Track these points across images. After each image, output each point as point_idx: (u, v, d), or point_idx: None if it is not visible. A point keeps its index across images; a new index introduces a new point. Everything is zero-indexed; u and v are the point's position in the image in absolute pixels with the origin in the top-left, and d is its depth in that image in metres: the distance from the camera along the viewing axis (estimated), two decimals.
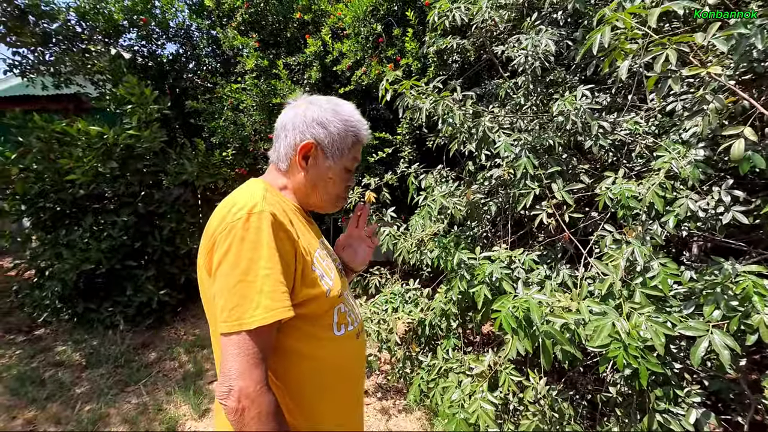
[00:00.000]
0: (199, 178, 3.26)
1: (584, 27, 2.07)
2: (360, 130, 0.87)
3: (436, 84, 2.04)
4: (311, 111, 0.83)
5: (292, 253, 0.72)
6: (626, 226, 1.63)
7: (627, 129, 1.83)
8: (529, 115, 2.33)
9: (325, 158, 0.84)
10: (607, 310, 1.30)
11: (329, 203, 0.91)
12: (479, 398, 1.54)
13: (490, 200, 2.39)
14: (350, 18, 3.47)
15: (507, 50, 2.28)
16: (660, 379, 1.35)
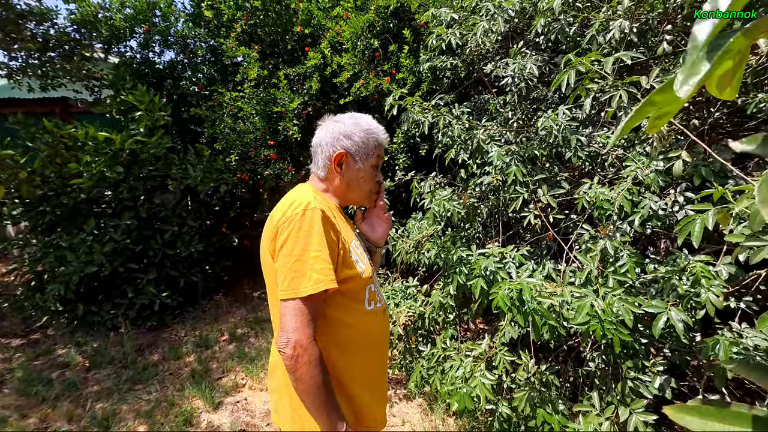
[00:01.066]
0: (203, 183, 3.38)
1: (563, 52, 2.38)
2: (379, 135, 1.06)
3: (437, 101, 2.28)
4: (337, 127, 1.03)
5: (335, 241, 0.92)
6: (601, 225, 1.91)
7: (600, 142, 2.12)
8: (515, 129, 2.61)
9: (354, 162, 1.03)
10: (586, 293, 1.56)
11: (365, 197, 1.11)
12: (479, 376, 1.77)
13: (481, 204, 2.64)
14: (349, 33, 3.70)
15: (495, 70, 2.57)
16: (630, 352, 1.61)
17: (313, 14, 4.00)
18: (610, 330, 1.37)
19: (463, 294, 2.58)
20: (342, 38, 3.79)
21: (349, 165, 1.03)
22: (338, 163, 1.02)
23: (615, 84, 1.45)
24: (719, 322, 1.47)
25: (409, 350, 2.66)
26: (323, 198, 1.01)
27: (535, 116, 2.61)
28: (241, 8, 4.14)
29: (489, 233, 2.83)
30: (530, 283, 1.59)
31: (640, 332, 1.63)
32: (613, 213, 1.89)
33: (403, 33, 3.55)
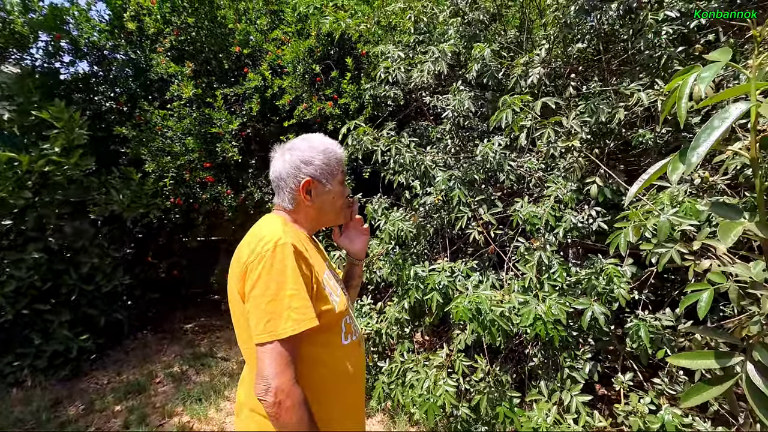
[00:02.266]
0: (130, 209, 3.08)
1: (491, 89, 2.76)
2: (336, 150, 1.05)
3: (388, 131, 2.46)
4: (295, 156, 0.99)
5: (309, 276, 0.89)
6: (533, 238, 2.23)
7: (527, 167, 2.49)
8: (453, 155, 2.91)
9: (323, 186, 1.01)
10: (529, 299, 1.82)
11: (339, 216, 1.10)
12: (442, 384, 1.91)
13: (428, 223, 2.86)
14: (290, 57, 3.75)
15: (434, 101, 2.86)
16: (565, 344, 1.90)
17: (250, 35, 3.97)
18: (551, 329, 1.63)
19: (415, 308, 2.74)
20: (282, 61, 3.83)
21: (318, 190, 1.01)
22: (306, 191, 0.99)
23: (543, 123, 1.78)
24: (628, 311, 1.83)
25: (367, 368, 2.71)
26: (293, 229, 0.98)
27: (470, 143, 2.94)
28: (169, 23, 3.94)
29: (435, 250, 3.06)
30: (486, 295, 1.79)
31: (571, 327, 1.94)
32: (541, 227, 2.23)
33: (344, 60, 3.71)
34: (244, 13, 4.17)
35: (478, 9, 2.77)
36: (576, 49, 2.47)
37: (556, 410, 1.62)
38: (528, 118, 2.12)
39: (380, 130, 2.71)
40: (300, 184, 0.98)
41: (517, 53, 2.64)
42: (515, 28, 2.90)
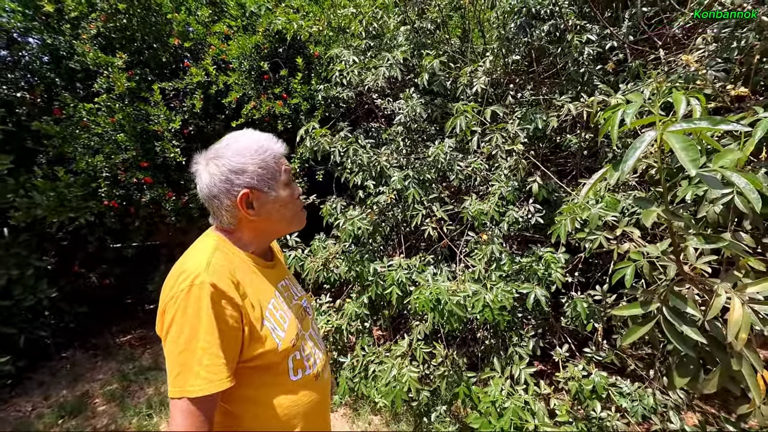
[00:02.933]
0: (57, 213, 2.76)
1: (440, 96, 2.95)
2: (271, 147, 0.88)
3: (345, 133, 2.52)
4: (222, 165, 0.83)
5: (236, 317, 0.77)
6: (481, 232, 2.45)
7: (474, 167, 2.71)
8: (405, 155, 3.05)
9: (265, 194, 0.86)
10: (479, 289, 2.01)
11: (294, 222, 0.95)
12: (406, 371, 2.03)
13: (383, 221, 2.97)
14: (236, 52, 3.62)
15: (386, 105, 2.98)
16: (512, 325, 2.13)
17: (191, 27, 3.75)
18: (497, 314, 1.83)
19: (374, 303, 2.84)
20: (227, 56, 3.68)
21: (261, 200, 0.86)
22: (247, 205, 0.85)
23: (491, 128, 1.98)
24: (563, 292, 2.11)
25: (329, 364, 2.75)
26: (229, 254, 0.85)
27: (420, 145, 3.10)
28: (94, 6, 3.57)
29: (390, 246, 3.18)
30: (445, 286, 1.95)
31: (516, 309, 2.18)
32: (487, 221, 2.45)
33: (295, 59, 3.68)
34: (183, 2, 3.93)
35: (426, 19, 2.94)
36: (512, 61, 2.74)
37: (509, 384, 1.82)
38: (478, 124, 2.32)
39: (334, 131, 2.76)
40: (237, 199, 0.83)
41: (462, 62, 2.86)
42: (458, 37, 3.12)
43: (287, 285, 1.00)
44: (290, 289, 1.01)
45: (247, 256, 0.89)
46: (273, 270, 0.96)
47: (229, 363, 0.75)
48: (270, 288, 0.90)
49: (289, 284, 1.03)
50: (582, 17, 2.49)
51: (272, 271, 0.96)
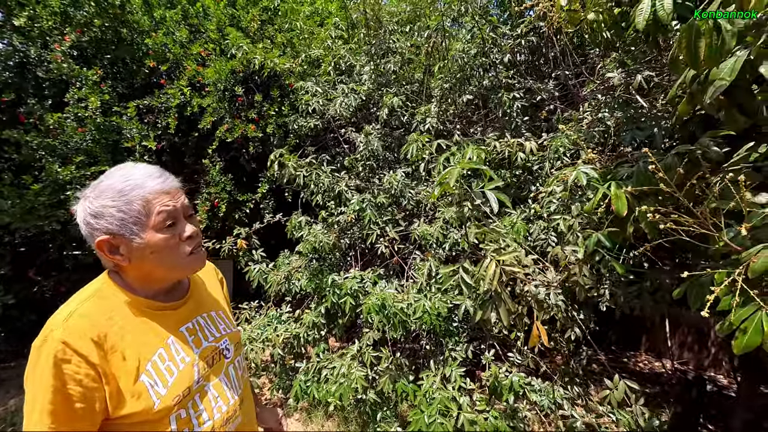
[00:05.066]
0: (23, 220, 2.82)
1: (398, 128, 3.34)
2: (144, 186, 0.77)
3: (311, 160, 2.83)
4: (84, 209, 0.77)
5: (92, 375, 0.70)
6: (427, 251, 2.81)
7: (423, 194, 3.10)
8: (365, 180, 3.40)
9: (130, 241, 0.76)
10: (420, 298, 2.34)
11: (178, 269, 0.83)
12: (354, 370, 2.30)
13: (342, 238, 3.27)
14: (213, 76, 3.85)
15: (348, 134, 3.33)
16: (449, 333, 2.47)
17: (169, 47, 3.95)
18: (435, 320, 2.16)
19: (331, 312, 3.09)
20: (203, 79, 3.90)
21: (126, 245, 0.77)
22: (110, 251, 0.77)
23: (437, 157, 2.36)
24: None
25: (285, 370, 2.95)
26: (107, 300, 0.78)
27: (379, 171, 3.46)
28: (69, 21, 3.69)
29: (348, 261, 3.47)
30: (389, 293, 2.26)
31: (453, 319, 2.53)
32: (433, 242, 2.82)
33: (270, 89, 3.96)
34: (161, 22, 4.12)
35: (389, 62, 3.36)
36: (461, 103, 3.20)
37: (439, 380, 2.14)
38: (426, 153, 2.71)
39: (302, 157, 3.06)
40: (95, 246, 0.77)
41: (418, 102, 3.29)
42: (417, 82, 3.55)
43: (198, 326, 0.89)
44: (204, 330, 0.90)
45: (133, 300, 0.80)
46: (178, 311, 0.87)
47: (59, 427, 0.68)
48: (160, 336, 0.80)
49: (206, 323, 0.92)
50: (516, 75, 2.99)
51: (174, 312, 0.86)
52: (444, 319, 2.24)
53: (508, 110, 2.71)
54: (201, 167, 4.02)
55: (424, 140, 2.53)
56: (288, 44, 4.15)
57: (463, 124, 3.30)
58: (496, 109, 2.81)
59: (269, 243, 4.27)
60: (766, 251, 1.10)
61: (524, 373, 2.34)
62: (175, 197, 0.81)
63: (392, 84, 3.43)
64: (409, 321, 2.21)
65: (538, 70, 3.20)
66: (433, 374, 2.21)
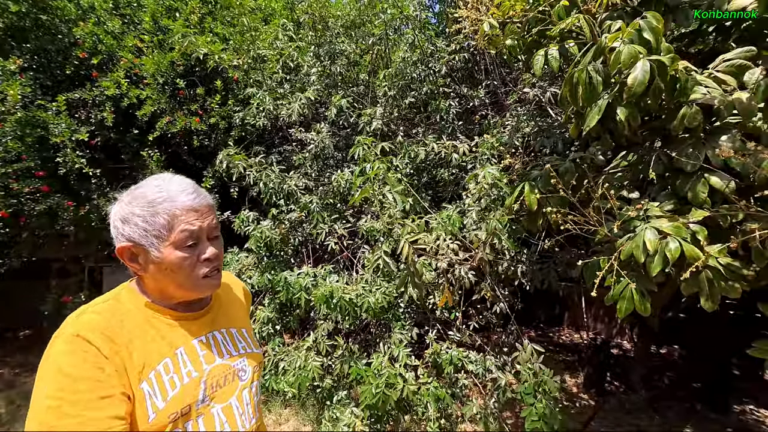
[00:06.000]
0: None
1: (346, 129, 3.50)
2: (174, 201, 0.76)
3: (261, 159, 2.90)
4: (116, 212, 0.77)
5: (102, 367, 0.67)
6: (375, 246, 3.03)
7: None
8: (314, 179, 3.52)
9: (147, 252, 0.75)
10: (366, 290, 2.56)
11: (188, 289, 0.80)
12: (311, 361, 2.47)
13: (292, 235, 3.38)
14: (151, 68, 3.70)
15: (298, 134, 3.43)
16: (396, 318, 2.72)
17: (100, 38, 3.72)
18: (378, 312, 2.39)
19: (285, 307, 3.21)
20: (141, 71, 3.73)
21: (145, 255, 0.76)
22: (129, 258, 0.77)
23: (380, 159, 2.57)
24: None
25: None
26: (122, 304, 0.77)
27: (327, 170, 3.60)
28: None
29: (300, 258, 3.59)
30: (337, 285, 2.45)
31: (398, 305, 2.79)
32: (380, 237, 3.04)
33: (212, 80, 3.89)
34: (91, 10, 3.85)
35: (335, 63, 3.49)
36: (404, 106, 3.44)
37: (387, 360, 2.39)
38: (372, 155, 2.91)
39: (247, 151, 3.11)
40: (119, 249, 0.77)
41: (364, 104, 3.47)
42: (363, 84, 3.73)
43: (214, 340, 0.85)
44: (221, 346, 0.85)
45: (149, 306, 0.79)
46: (195, 322, 0.83)
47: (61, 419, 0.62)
48: (172, 344, 0.77)
49: (224, 339, 0.87)
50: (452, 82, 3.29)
51: (193, 323, 0.83)
52: (388, 309, 2.48)
53: (445, 116, 2.99)
54: (140, 163, 3.86)
55: (369, 143, 2.73)
56: (231, 37, 4.09)
57: (406, 126, 3.54)
58: (434, 114, 3.08)
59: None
60: (630, 241, 1.45)
61: (462, 348, 2.67)
62: (203, 216, 0.79)
63: (339, 85, 3.57)
64: (358, 311, 2.42)
65: (472, 77, 3.53)
66: (382, 355, 2.45)
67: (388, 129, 3.43)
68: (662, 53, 1.19)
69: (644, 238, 1.22)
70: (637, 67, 1.16)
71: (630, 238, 1.38)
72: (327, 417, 2.54)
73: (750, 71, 1.18)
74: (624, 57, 1.17)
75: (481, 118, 3.44)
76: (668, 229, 1.21)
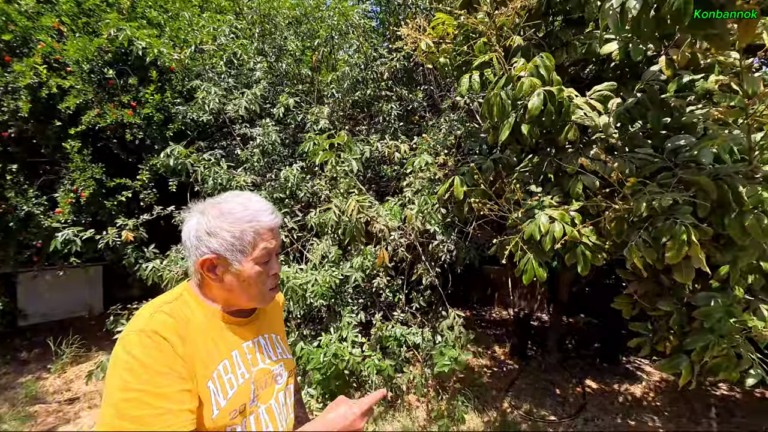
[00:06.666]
0: None
1: (293, 127, 3.61)
2: (259, 220, 0.82)
3: (208, 155, 2.92)
4: (202, 222, 0.81)
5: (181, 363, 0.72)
6: (323, 237, 3.21)
7: (318, 186, 3.47)
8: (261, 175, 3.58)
9: (229, 265, 0.81)
10: (315, 275, 2.75)
11: (257, 300, 0.87)
12: None
13: None
14: (75, 53, 3.44)
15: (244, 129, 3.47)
16: (345, 303, 2.96)
17: (11, 17, 3.36)
18: (326, 291, 2.61)
19: None
20: (63, 57, 3.45)
21: (225, 268, 0.82)
22: (209, 269, 0.82)
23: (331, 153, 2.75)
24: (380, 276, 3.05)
25: None
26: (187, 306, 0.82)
27: (275, 166, 3.68)
28: None
29: None
30: (286, 271, 2.62)
31: (345, 291, 3.02)
32: (328, 229, 3.23)
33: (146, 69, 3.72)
34: None
35: (281, 60, 3.57)
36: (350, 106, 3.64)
37: (336, 339, 2.62)
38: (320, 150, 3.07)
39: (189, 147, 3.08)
40: (199, 261, 0.81)
41: (309, 102, 3.60)
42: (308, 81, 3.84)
43: (258, 345, 0.91)
44: (263, 351, 0.91)
45: (211, 310, 0.84)
46: (245, 327, 0.90)
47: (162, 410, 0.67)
48: (228, 346, 0.83)
49: (266, 344, 0.94)
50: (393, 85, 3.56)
51: (243, 328, 0.89)
52: (335, 292, 2.70)
53: (387, 117, 3.26)
54: (64, 157, 3.58)
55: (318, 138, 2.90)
56: (166, 24, 3.92)
57: (351, 124, 3.75)
58: (377, 115, 3.33)
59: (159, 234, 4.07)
60: (530, 224, 1.82)
61: (404, 326, 2.99)
62: (276, 235, 0.87)
63: (285, 83, 3.65)
64: (307, 294, 2.60)
65: (411, 80, 3.83)
66: (331, 336, 2.67)
67: (334, 127, 3.61)
68: (554, 84, 1.55)
69: (539, 222, 1.58)
70: (534, 95, 1.50)
71: (531, 222, 1.76)
72: None
73: (612, 100, 1.59)
74: (525, 87, 1.52)
75: (420, 119, 3.77)
76: (556, 216, 1.58)
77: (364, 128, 3.68)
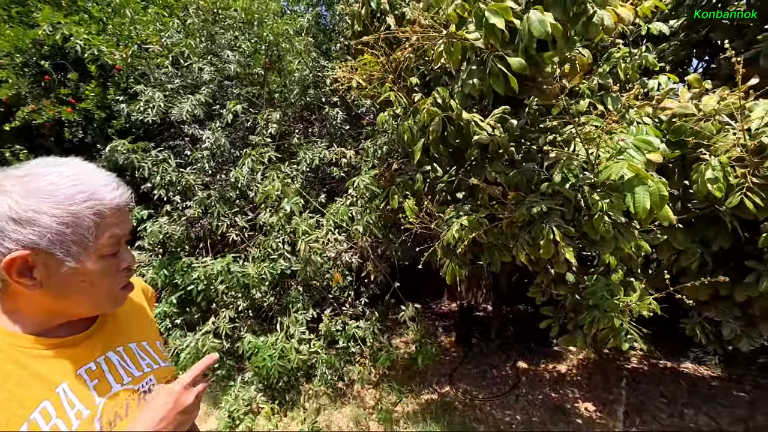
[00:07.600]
0: None
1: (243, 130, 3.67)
2: (100, 199, 0.61)
3: (157, 152, 2.94)
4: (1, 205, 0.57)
5: None
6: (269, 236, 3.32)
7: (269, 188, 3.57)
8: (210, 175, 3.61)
9: (59, 263, 0.59)
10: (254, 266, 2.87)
11: (105, 305, 0.69)
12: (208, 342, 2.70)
13: (190, 231, 3.46)
14: (7, 45, 3.28)
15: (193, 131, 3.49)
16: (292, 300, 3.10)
17: None
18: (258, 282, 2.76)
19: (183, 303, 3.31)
20: None
21: (49, 269, 0.60)
22: (19, 272, 0.59)
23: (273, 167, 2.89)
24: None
25: None
26: None
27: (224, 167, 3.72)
28: None
29: (199, 253, 3.66)
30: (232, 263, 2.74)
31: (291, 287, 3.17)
32: (278, 229, 3.35)
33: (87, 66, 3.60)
34: None
35: (229, 62, 3.61)
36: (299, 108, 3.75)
37: (284, 336, 2.76)
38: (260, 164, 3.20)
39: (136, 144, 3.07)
40: (2, 261, 0.57)
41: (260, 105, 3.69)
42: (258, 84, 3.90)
43: (109, 364, 0.70)
44: (117, 369, 0.71)
45: (10, 336, 0.62)
46: (81, 346, 0.68)
47: None
48: (47, 384, 0.62)
49: (120, 360, 0.72)
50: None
51: (77, 348, 0.67)
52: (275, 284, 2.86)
53: (334, 122, 3.43)
54: None
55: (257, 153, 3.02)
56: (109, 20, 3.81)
57: (303, 125, 3.88)
58: (326, 119, 3.50)
59: None
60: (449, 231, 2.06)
61: (354, 321, 3.18)
62: (126, 217, 0.66)
63: (234, 84, 3.70)
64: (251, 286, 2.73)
65: None
66: (279, 333, 2.81)
67: (285, 130, 3.72)
68: (454, 111, 1.83)
69: (454, 230, 1.84)
70: (434, 121, 1.78)
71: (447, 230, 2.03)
72: (231, 395, 2.80)
73: (509, 122, 1.90)
74: (425, 115, 1.80)
75: (367, 124, 3.98)
76: (468, 223, 1.85)
77: (317, 129, 3.82)
